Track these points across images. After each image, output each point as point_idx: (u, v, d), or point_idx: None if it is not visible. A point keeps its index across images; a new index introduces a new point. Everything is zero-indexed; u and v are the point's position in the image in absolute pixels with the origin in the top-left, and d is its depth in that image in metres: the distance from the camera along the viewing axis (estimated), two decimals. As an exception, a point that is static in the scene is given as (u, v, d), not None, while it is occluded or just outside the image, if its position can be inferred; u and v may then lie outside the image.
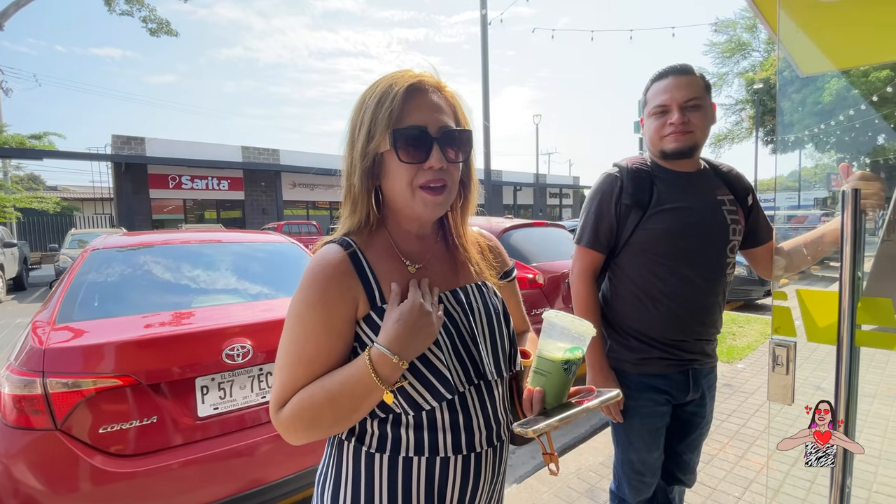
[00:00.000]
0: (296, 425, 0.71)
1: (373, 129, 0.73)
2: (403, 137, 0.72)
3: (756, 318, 6.01)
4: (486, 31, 10.50)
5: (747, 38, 21.81)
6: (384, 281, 0.76)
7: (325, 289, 0.71)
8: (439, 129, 0.73)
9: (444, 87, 0.78)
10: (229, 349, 1.81)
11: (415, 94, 0.73)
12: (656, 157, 1.39)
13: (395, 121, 0.72)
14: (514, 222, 4.27)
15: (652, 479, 1.44)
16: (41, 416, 1.55)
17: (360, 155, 0.74)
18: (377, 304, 0.74)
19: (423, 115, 0.73)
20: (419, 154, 0.72)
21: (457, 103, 0.79)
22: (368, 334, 0.73)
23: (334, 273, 0.72)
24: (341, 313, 0.72)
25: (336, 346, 0.72)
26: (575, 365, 0.75)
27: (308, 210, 20.81)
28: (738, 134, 23.80)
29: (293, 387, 0.71)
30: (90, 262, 2.24)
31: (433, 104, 0.74)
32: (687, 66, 1.33)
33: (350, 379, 0.68)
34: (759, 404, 3.31)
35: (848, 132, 6.44)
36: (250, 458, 1.81)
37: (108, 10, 10.30)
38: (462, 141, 0.76)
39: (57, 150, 15.46)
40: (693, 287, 1.32)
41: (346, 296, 0.72)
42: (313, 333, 0.71)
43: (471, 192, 0.85)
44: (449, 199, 0.77)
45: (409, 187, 0.74)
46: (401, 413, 0.73)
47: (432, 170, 0.73)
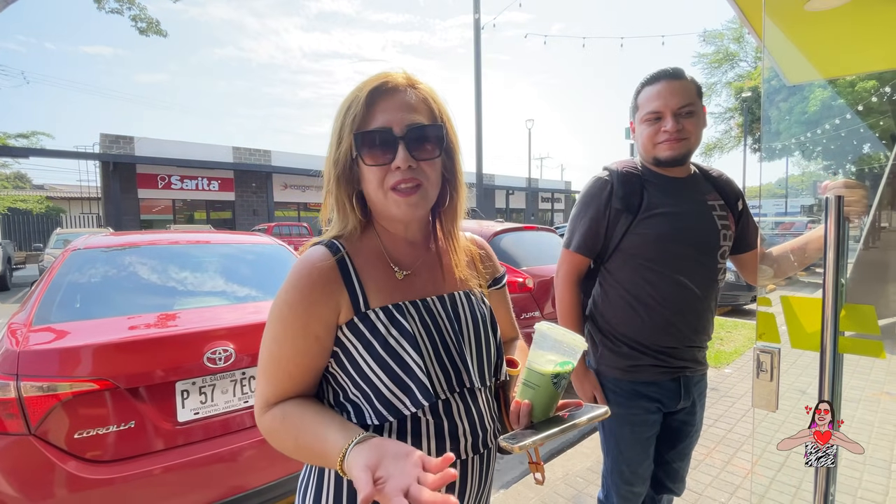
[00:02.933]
0: (269, 438, 0.74)
1: (341, 135, 0.73)
2: (365, 141, 0.72)
3: (743, 324, 6.07)
4: (479, 36, 10.54)
5: (735, 48, 22.16)
6: (369, 286, 0.75)
7: (307, 292, 0.71)
8: (405, 127, 0.72)
9: (417, 83, 0.76)
10: (211, 352, 1.78)
11: (380, 96, 0.73)
12: (648, 164, 1.38)
13: (358, 125, 0.72)
14: (505, 226, 4.27)
15: (641, 489, 1.42)
16: (15, 420, 1.51)
17: (334, 160, 0.75)
18: (361, 309, 0.73)
19: (387, 116, 0.72)
20: (385, 156, 0.72)
21: (432, 99, 0.77)
22: (351, 340, 0.72)
23: (318, 277, 0.72)
24: (321, 318, 0.71)
25: (311, 349, 0.72)
26: (564, 379, 0.74)
27: (299, 211, 20.71)
28: (727, 143, 24.12)
29: (274, 388, 0.72)
30: (70, 263, 2.19)
31: (400, 103, 0.73)
32: (679, 70, 1.31)
33: (321, 448, 0.66)
34: (746, 409, 3.33)
35: (834, 140, 6.55)
36: (232, 464, 1.77)
37: (97, 8, 10.18)
38: (433, 137, 0.74)
39: (44, 148, 15.24)
40: (684, 293, 1.31)
41: (329, 301, 0.72)
42: (291, 334, 0.71)
43: (458, 192, 0.82)
44: (425, 198, 0.75)
45: (381, 189, 0.73)
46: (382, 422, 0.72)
47: (400, 170, 0.72)
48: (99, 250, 2.34)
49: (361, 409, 0.73)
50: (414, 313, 0.75)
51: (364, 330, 0.72)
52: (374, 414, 0.72)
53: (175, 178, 17.27)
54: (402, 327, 0.72)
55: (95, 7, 10.07)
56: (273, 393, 0.73)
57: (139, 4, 10.49)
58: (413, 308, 0.75)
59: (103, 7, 10.17)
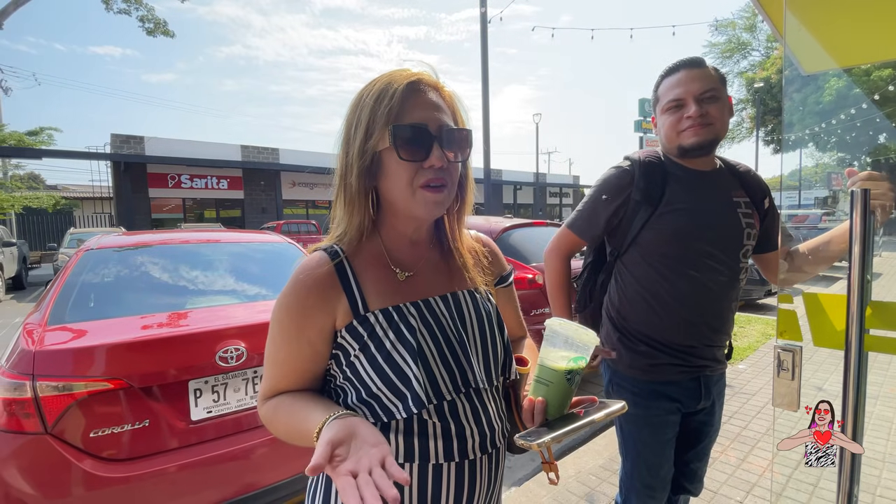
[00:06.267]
0: (266, 426, 0.78)
1: (371, 127, 0.71)
2: (404, 134, 0.70)
3: (757, 319, 5.99)
4: (486, 29, 10.46)
5: (746, 37, 21.78)
6: (368, 289, 0.75)
7: (302, 297, 0.72)
8: (439, 127, 0.72)
9: (443, 87, 0.77)
10: (223, 351, 1.78)
11: (414, 92, 0.72)
12: (672, 155, 1.32)
13: (394, 117, 0.70)
14: (514, 222, 4.24)
15: (662, 494, 1.37)
16: (31, 419, 1.53)
17: (357, 153, 0.72)
18: (360, 312, 0.73)
19: (423, 113, 0.71)
20: (420, 152, 0.71)
21: (455, 104, 0.78)
22: (350, 343, 0.73)
23: (315, 284, 0.73)
24: (315, 324, 0.72)
25: (304, 352, 0.74)
26: (578, 375, 0.73)
27: (308, 209, 20.79)
28: (739, 134, 23.76)
29: (273, 383, 0.76)
30: (84, 263, 2.21)
31: (433, 103, 0.73)
32: (699, 59, 1.26)
33: (305, 428, 0.67)
34: (761, 406, 3.29)
35: (849, 131, 6.41)
36: (244, 462, 1.78)
37: (105, 9, 10.27)
38: (462, 141, 0.75)
39: (56, 149, 15.43)
40: (704, 292, 1.26)
41: (324, 306, 0.72)
42: (287, 337, 0.73)
43: (467, 193, 0.83)
44: (448, 198, 0.75)
45: (410, 187, 0.72)
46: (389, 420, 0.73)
47: (433, 168, 0.71)
48: (111, 250, 2.36)
49: (356, 411, 0.74)
50: (415, 314, 0.74)
51: (363, 332, 0.72)
52: (370, 414, 0.73)
53: (185, 177, 17.41)
54: (400, 331, 0.72)
55: (104, 8, 10.16)
56: (270, 388, 0.77)
57: (146, 5, 10.56)
58: (414, 309, 0.75)
59: (111, 8, 10.25)
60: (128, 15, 10.59)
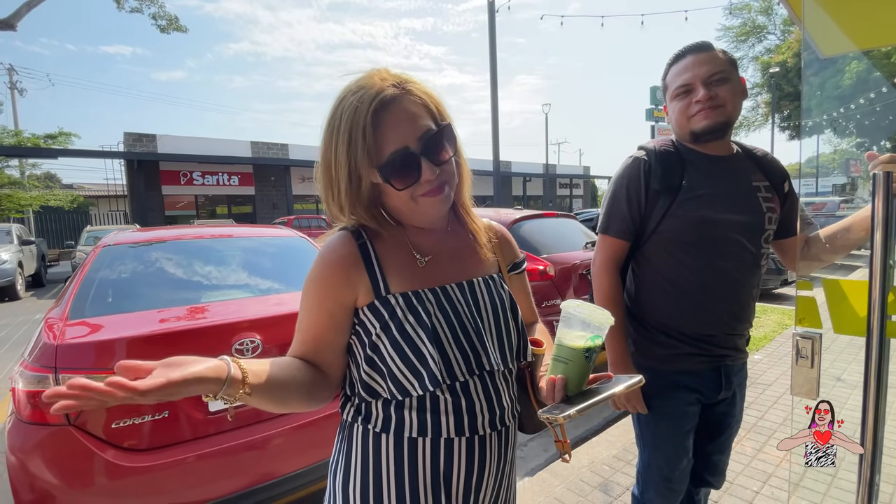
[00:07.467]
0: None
1: (356, 170, 0.72)
2: (391, 168, 0.72)
3: (773, 308, 5.90)
4: (494, 19, 10.36)
5: (762, 20, 21.26)
6: (391, 272, 0.78)
7: (326, 272, 0.77)
8: (419, 139, 0.72)
9: (406, 82, 0.74)
10: (238, 343, 1.81)
11: (384, 114, 0.70)
12: (686, 141, 1.29)
13: (376, 155, 0.71)
14: (524, 213, 4.22)
15: (681, 486, 1.35)
16: (55, 411, 1.56)
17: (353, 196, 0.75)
18: (381, 293, 0.76)
19: (400, 133, 0.71)
20: (412, 175, 0.73)
21: (427, 98, 0.75)
22: (372, 321, 0.76)
23: (338, 260, 0.77)
24: (337, 297, 0.76)
25: (324, 323, 0.77)
26: (595, 352, 0.74)
27: (318, 204, 20.90)
28: (755, 120, 23.29)
29: (296, 347, 0.80)
30: (101, 259, 2.25)
31: (405, 114, 0.71)
32: (706, 43, 1.24)
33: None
34: (778, 396, 3.25)
35: (868, 116, 6.24)
36: (262, 452, 1.81)
37: (117, 8, 10.36)
38: (445, 138, 0.76)
39: (72, 148, 15.69)
40: (725, 279, 1.24)
41: (347, 282, 0.76)
42: (310, 307, 0.78)
43: (462, 167, 0.83)
44: (451, 192, 0.79)
45: (411, 200, 0.76)
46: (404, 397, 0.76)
47: (429, 181, 0.74)
48: (127, 246, 2.40)
49: (374, 387, 0.77)
50: (433, 300, 0.77)
51: (384, 312, 0.75)
52: (385, 390, 0.76)
53: (196, 173, 17.59)
54: (419, 315, 0.75)
55: (115, 7, 10.24)
56: (292, 351, 0.80)
57: (157, 2, 10.62)
58: (432, 295, 0.78)
59: (123, 7, 10.33)
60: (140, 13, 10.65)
